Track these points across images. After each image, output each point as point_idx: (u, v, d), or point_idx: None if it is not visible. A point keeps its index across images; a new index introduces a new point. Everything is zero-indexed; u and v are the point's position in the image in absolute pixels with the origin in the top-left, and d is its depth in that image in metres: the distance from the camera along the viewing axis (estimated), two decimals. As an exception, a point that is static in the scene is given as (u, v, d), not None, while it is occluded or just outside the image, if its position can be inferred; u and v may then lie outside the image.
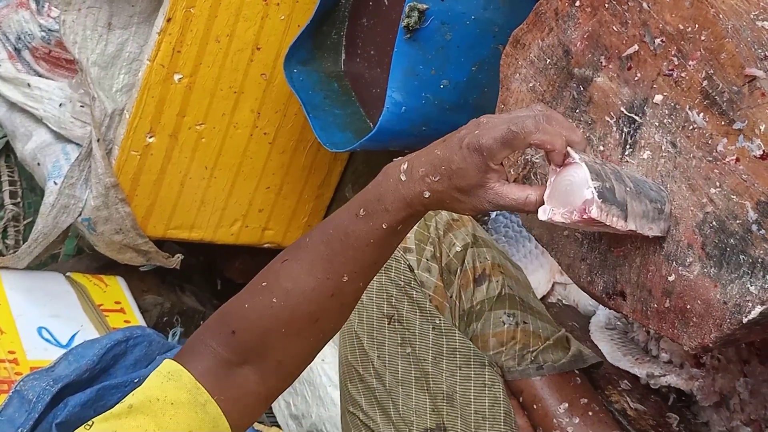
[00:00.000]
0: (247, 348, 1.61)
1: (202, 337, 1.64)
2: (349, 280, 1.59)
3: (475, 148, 1.48)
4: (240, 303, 1.64)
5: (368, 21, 2.54)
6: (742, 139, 1.46)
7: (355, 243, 1.57)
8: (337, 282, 1.59)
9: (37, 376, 2.14)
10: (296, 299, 1.59)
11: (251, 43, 2.80)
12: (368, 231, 1.57)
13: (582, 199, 1.44)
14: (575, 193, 1.45)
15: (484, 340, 2.03)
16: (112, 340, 2.25)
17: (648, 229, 1.52)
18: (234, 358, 1.60)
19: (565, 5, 1.71)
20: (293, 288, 1.59)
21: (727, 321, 1.47)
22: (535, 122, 1.46)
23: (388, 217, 1.55)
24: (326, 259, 1.59)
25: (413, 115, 2.24)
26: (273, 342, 1.60)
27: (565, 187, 1.47)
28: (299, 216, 3.25)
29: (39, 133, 3.01)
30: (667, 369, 2.11)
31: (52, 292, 2.98)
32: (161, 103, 2.77)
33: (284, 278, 1.61)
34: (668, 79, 1.55)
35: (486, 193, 1.50)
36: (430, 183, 1.52)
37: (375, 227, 1.56)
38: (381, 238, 1.57)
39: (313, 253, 1.61)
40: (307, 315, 1.60)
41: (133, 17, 2.80)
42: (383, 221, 1.55)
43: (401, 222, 1.56)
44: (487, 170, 1.49)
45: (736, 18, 1.47)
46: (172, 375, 1.57)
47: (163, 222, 3.01)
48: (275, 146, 3.04)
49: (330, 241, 1.60)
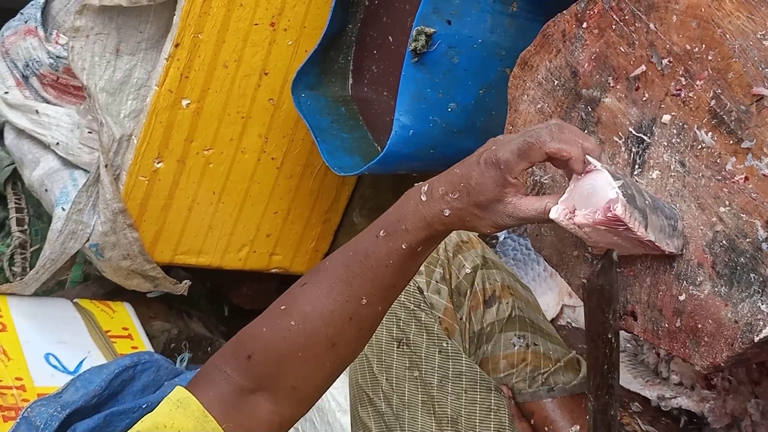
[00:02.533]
0: (263, 373, 1.60)
1: (217, 363, 1.64)
2: (367, 303, 1.58)
3: (493, 162, 1.49)
4: (257, 327, 1.64)
5: (375, 45, 2.55)
6: (750, 157, 1.46)
7: (375, 264, 1.57)
8: (356, 305, 1.58)
9: (44, 403, 2.13)
10: (315, 322, 1.59)
11: (259, 68, 2.81)
12: (388, 251, 1.57)
13: (606, 199, 1.44)
14: (599, 194, 1.45)
15: (494, 362, 2.03)
16: (120, 366, 2.24)
17: (665, 244, 1.52)
18: (248, 384, 1.59)
19: (573, 27, 1.71)
20: (312, 311, 1.59)
21: (739, 340, 1.47)
22: (549, 132, 1.47)
23: (408, 237, 1.55)
24: (345, 281, 1.59)
25: (421, 139, 2.24)
26: (289, 366, 1.60)
27: (587, 191, 1.47)
28: (307, 241, 3.25)
29: (47, 159, 3.02)
30: (677, 391, 2.10)
31: (59, 318, 2.98)
32: (169, 128, 2.78)
33: (303, 301, 1.61)
34: (676, 99, 1.55)
35: (505, 207, 1.51)
36: (450, 201, 1.53)
37: (395, 248, 1.56)
38: (400, 259, 1.57)
39: (332, 276, 1.61)
40: (325, 339, 1.59)
41: (141, 43, 2.81)
42: (403, 241, 1.56)
43: (421, 243, 1.56)
44: (505, 184, 1.49)
45: (743, 38, 1.47)
46: (181, 402, 1.56)
47: (171, 247, 3.01)
48: (283, 171, 3.04)
49: (349, 263, 1.60)
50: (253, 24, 2.73)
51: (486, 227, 1.54)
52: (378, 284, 1.58)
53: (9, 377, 2.66)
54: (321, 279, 1.62)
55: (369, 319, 1.62)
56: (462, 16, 2.17)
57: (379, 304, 1.61)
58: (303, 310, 1.59)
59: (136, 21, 2.77)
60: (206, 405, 1.56)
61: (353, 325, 1.60)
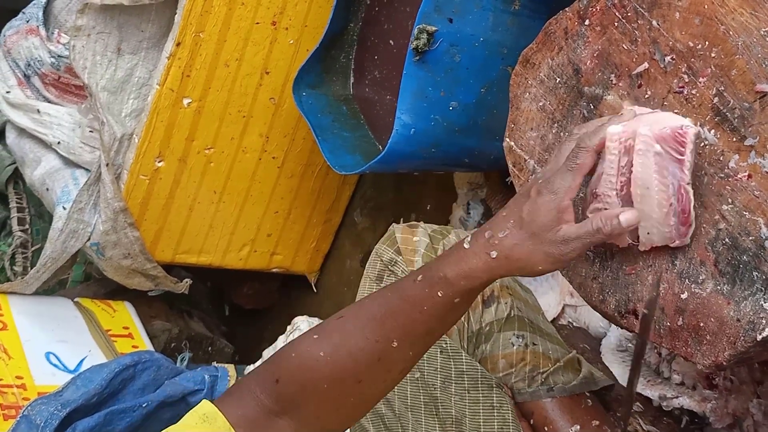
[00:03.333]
0: (288, 398, 1.60)
1: (248, 383, 1.64)
2: (398, 347, 1.57)
3: (547, 189, 1.49)
4: (288, 352, 1.64)
5: (377, 44, 2.55)
6: (753, 155, 1.46)
7: (409, 308, 1.56)
8: (386, 346, 1.57)
9: (44, 401, 2.13)
10: (343, 355, 1.58)
11: (260, 67, 2.81)
12: (423, 297, 1.55)
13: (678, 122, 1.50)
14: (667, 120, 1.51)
15: (493, 361, 2.02)
16: (121, 365, 2.25)
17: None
18: (274, 406, 1.60)
19: (575, 24, 1.71)
20: (341, 344, 1.59)
21: (741, 338, 1.46)
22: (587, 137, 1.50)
23: (445, 285, 1.54)
24: (378, 320, 1.58)
25: (423, 137, 2.24)
26: (314, 395, 1.60)
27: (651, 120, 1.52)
28: (308, 240, 3.25)
29: (48, 158, 3.02)
30: (679, 391, 2.10)
31: (60, 317, 2.98)
32: (170, 127, 2.78)
33: (335, 333, 1.61)
34: (679, 96, 1.55)
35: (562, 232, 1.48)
36: (499, 240, 1.51)
37: (430, 294, 1.55)
38: (436, 306, 1.55)
39: (367, 314, 1.60)
40: (352, 374, 1.59)
41: (143, 42, 2.81)
42: (439, 289, 1.54)
43: (459, 294, 1.54)
44: (561, 208, 1.48)
45: (746, 34, 1.47)
46: (208, 417, 1.57)
47: (172, 247, 3.01)
48: (284, 170, 3.04)
49: (385, 303, 1.59)
50: (255, 23, 2.73)
51: (540, 261, 1.50)
52: (410, 329, 1.57)
53: (10, 376, 2.67)
54: (356, 314, 1.62)
55: (399, 362, 1.60)
56: (464, 15, 2.17)
57: (411, 349, 1.59)
58: (334, 342, 1.59)
59: (137, 20, 2.77)
60: (233, 422, 1.56)
61: (381, 366, 1.59)
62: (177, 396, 2.29)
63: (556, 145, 1.72)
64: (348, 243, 3.34)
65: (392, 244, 2.04)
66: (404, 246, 2.03)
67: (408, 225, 2.08)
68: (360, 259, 3.24)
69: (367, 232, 3.26)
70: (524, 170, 1.80)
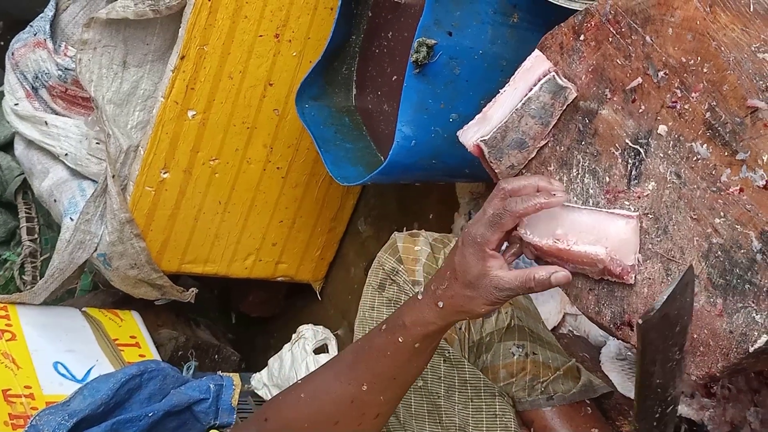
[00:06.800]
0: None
1: (249, 421, 1.86)
2: (368, 390, 1.70)
3: (470, 241, 1.59)
4: (279, 395, 1.81)
5: (378, 56, 2.55)
6: (745, 169, 1.47)
7: (375, 354, 1.70)
8: (356, 389, 1.70)
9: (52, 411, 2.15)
10: (320, 398, 1.73)
11: (264, 79, 2.83)
12: (386, 343, 1.68)
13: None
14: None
15: (494, 371, 2.04)
16: (127, 375, 2.26)
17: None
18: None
19: (570, 39, 1.72)
20: (320, 388, 1.74)
21: (734, 350, 1.47)
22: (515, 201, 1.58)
23: (404, 332, 1.66)
24: (350, 366, 1.73)
25: (423, 149, 2.25)
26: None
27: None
28: (312, 249, 3.27)
29: (56, 170, 3.04)
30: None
31: (67, 327, 3.00)
32: (175, 139, 2.80)
33: (317, 378, 1.77)
34: (672, 111, 1.56)
35: (491, 281, 1.58)
36: (442, 292, 1.63)
37: (392, 340, 1.67)
38: (398, 351, 1.68)
39: (342, 360, 1.76)
40: (328, 415, 1.72)
41: (148, 55, 2.83)
42: (399, 335, 1.66)
43: (417, 340, 1.66)
44: (485, 257, 1.58)
45: (738, 50, 1.48)
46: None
47: (178, 256, 3.02)
48: (288, 180, 3.06)
49: (356, 350, 1.74)
50: (258, 35, 2.74)
51: (479, 306, 1.60)
52: (377, 373, 1.70)
53: (18, 385, 2.68)
54: (335, 362, 1.79)
55: (372, 406, 1.73)
56: (463, 28, 2.18)
57: (381, 393, 1.71)
58: (313, 385, 1.76)
59: (142, 33, 2.79)
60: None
61: (354, 408, 1.72)
62: (182, 405, 2.31)
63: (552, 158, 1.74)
64: (352, 251, 3.35)
65: (394, 253, 2.06)
66: (406, 255, 2.05)
67: (410, 234, 2.10)
68: (364, 267, 3.25)
69: (370, 240, 3.26)
70: (522, 183, 1.81)
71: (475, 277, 1.58)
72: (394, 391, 1.74)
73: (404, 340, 1.66)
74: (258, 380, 3.11)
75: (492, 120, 1.77)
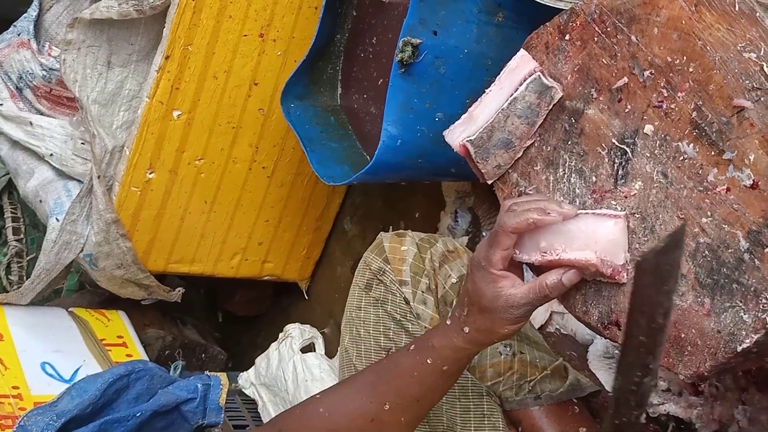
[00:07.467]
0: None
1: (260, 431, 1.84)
2: (390, 410, 1.69)
3: (476, 265, 1.59)
4: (293, 408, 1.80)
5: (363, 56, 2.55)
6: (732, 169, 1.47)
7: (400, 373, 1.70)
8: (378, 408, 1.70)
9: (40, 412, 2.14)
10: (339, 414, 1.71)
11: (248, 78, 2.82)
12: (414, 364, 1.68)
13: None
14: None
15: (481, 370, 2.03)
16: (115, 375, 2.25)
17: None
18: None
19: (556, 39, 1.72)
20: (339, 403, 1.72)
21: (722, 350, 1.47)
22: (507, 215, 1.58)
23: (433, 354, 1.66)
24: (373, 383, 1.72)
25: (409, 148, 2.25)
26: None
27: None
28: (298, 248, 3.26)
29: (41, 170, 3.03)
30: (665, 397, 2.11)
31: (55, 327, 2.99)
32: (161, 139, 2.79)
33: (336, 394, 1.76)
34: (658, 110, 1.56)
35: (507, 300, 1.58)
36: (465, 318, 1.63)
37: (420, 361, 1.67)
38: (426, 373, 1.68)
39: (365, 378, 1.75)
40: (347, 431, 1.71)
41: (132, 55, 2.82)
42: (428, 357, 1.66)
43: (446, 362, 1.67)
44: (494, 279, 1.58)
45: (724, 50, 1.48)
46: None
47: (164, 256, 3.02)
48: (274, 180, 3.05)
49: (380, 369, 1.74)
50: (243, 35, 2.74)
51: (503, 327, 1.61)
52: (402, 393, 1.70)
53: (6, 386, 2.67)
54: (356, 378, 1.78)
55: (391, 426, 1.72)
56: (448, 27, 2.18)
57: (402, 414, 1.71)
58: (333, 400, 1.74)
59: (126, 33, 2.78)
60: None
61: (374, 427, 1.71)
62: (170, 405, 2.30)
63: (538, 158, 1.74)
64: (338, 250, 3.35)
65: (380, 253, 2.05)
66: (392, 255, 2.04)
67: (396, 234, 2.09)
68: (350, 266, 3.25)
69: (356, 239, 3.27)
70: (507, 182, 1.81)
71: (489, 301, 1.58)
72: (416, 412, 1.73)
73: (433, 362, 1.67)
74: (245, 379, 3.11)
75: (478, 120, 1.77)
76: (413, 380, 1.69)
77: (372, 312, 2.00)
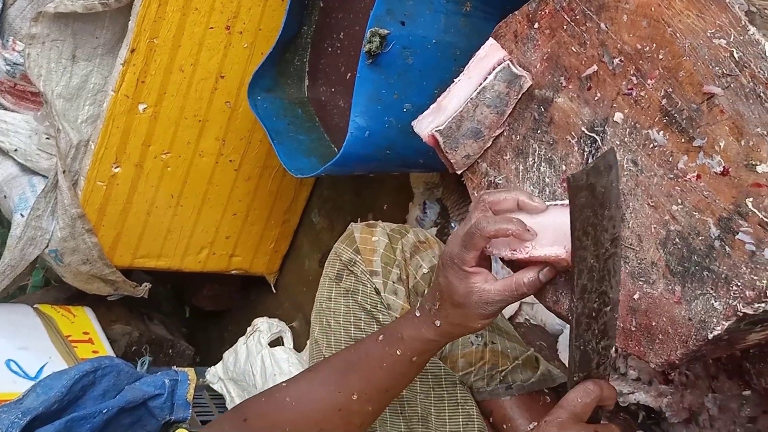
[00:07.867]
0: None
1: (221, 420, 1.83)
2: (358, 399, 1.69)
3: (448, 261, 1.58)
4: (259, 395, 1.78)
5: (330, 47, 2.54)
6: (702, 156, 1.47)
7: (370, 363, 1.69)
8: (346, 397, 1.69)
9: (5, 409, 2.12)
10: (306, 403, 1.71)
11: (215, 71, 2.81)
12: (383, 354, 1.68)
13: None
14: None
15: (453, 360, 2.03)
16: (81, 371, 2.24)
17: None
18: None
19: (524, 27, 1.72)
20: (306, 392, 1.71)
21: (693, 337, 1.47)
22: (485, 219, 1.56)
23: (403, 345, 1.66)
24: (341, 373, 1.71)
25: (377, 139, 2.24)
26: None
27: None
28: (266, 242, 3.26)
29: (5, 165, 3.01)
30: (635, 386, 2.11)
31: (20, 324, 2.97)
32: (126, 133, 2.77)
33: (303, 382, 1.74)
34: (628, 98, 1.56)
35: (479, 296, 1.57)
36: (436, 312, 1.62)
37: (390, 352, 1.67)
38: (394, 364, 1.67)
39: (332, 367, 1.74)
40: (314, 422, 1.70)
41: (97, 49, 2.80)
42: (397, 348, 1.66)
43: (416, 353, 1.66)
44: (467, 275, 1.57)
45: (693, 36, 1.48)
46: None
47: (130, 251, 3.00)
48: (241, 173, 3.04)
49: (348, 358, 1.73)
50: (209, 27, 2.72)
51: (474, 321, 1.61)
52: (371, 383, 1.69)
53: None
54: (323, 367, 1.76)
55: (358, 416, 1.71)
56: (415, 17, 2.17)
57: (370, 404, 1.70)
58: (300, 389, 1.73)
59: (91, 27, 2.76)
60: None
61: (341, 417, 1.70)
62: (137, 401, 2.29)
63: (508, 147, 1.74)
64: (306, 243, 3.34)
65: (351, 244, 2.05)
66: (363, 246, 2.04)
67: (367, 224, 2.09)
68: (318, 259, 3.24)
69: (325, 232, 3.26)
70: (477, 172, 1.81)
71: (462, 297, 1.58)
72: (383, 401, 1.73)
73: (402, 353, 1.66)
74: (213, 374, 3.10)
75: (447, 110, 1.77)
76: (382, 371, 1.68)
77: (342, 303, 2.00)
